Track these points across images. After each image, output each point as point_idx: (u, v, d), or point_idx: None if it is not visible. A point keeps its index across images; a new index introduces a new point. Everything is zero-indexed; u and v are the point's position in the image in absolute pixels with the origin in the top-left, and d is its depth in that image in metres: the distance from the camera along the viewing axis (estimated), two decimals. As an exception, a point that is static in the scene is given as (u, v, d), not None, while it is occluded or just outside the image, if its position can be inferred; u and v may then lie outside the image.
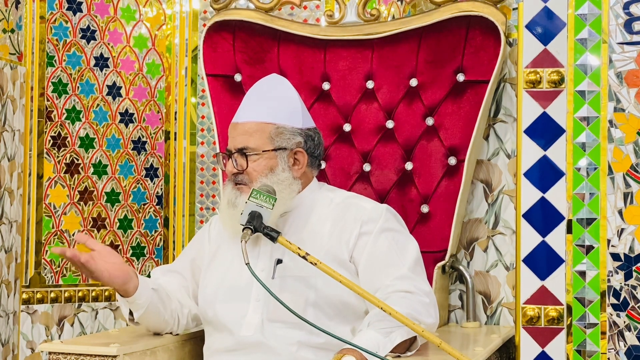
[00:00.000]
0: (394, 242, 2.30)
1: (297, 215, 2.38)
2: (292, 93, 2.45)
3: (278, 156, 2.34)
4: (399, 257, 2.27)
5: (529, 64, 2.47)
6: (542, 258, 2.44)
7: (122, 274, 2.27)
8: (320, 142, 2.44)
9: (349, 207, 2.36)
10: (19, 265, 3.25)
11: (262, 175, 2.32)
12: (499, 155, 2.92)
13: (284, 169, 2.33)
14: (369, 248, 2.28)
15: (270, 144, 2.34)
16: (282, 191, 2.30)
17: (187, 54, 3.47)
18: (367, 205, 2.38)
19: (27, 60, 3.29)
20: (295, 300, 2.24)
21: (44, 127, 3.30)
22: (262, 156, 2.33)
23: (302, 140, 2.38)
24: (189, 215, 3.44)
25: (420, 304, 2.17)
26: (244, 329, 2.28)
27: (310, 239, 2.32)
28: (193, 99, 3.47)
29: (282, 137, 2.35)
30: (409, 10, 3.03)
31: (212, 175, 3.42)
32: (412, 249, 2.32)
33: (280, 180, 2.32)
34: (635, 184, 2.41)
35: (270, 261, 2.30)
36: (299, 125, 2.39)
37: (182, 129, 3.47)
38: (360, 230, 2.30)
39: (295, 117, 2.39)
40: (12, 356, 3.21)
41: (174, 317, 2.42)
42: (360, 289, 2.11)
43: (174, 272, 2.51)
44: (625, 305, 2.41)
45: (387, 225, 2.32)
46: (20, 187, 3.25)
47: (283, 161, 2.34)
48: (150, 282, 2.36)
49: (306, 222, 2.36)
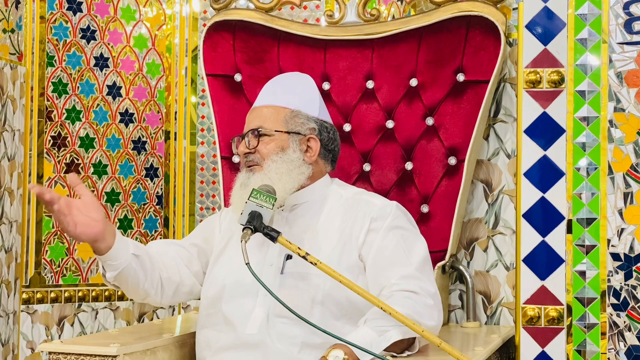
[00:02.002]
0: (402, 240, 2.28)
1: (308, 209, 2.38)
2: (311, 85, 2.47)
3: (290, 139, 2.35)
4: (407, 256, 2.26)
5: (529, 64, 2.47)
6: (542, 258, 2.44)
7: (93, 230, 2.18)
8: (334, 139, 2.44)
9: (359, 203, 2.36)
10: (19, 265, 3.25)
11: (274, 153, 2.32)
12: (499, 155, 2.92)
13: (294, 151, 2.34)
14: (377, 245, 2.27)
15: (284, 126, 2.36)
16: (291, 171, 2.31)
17: (187, 54, 3.47)
18: (376, 201, 2.37)
19: (27, 60, 3.29)
20: (302, 298, 2.24)
21: (44, 127, 3.30)
22: (275, 137, 2.34)
23: (316, 128, 2.38)
24: (189, 215, 3.44)
25: (423, 306, 2.16)
26: (249, 326, 2.27)
27: (321, 234, 2.32)
28: (193, 98, 3.47)
29: (296, 121, 2.37)
30: (409, 10, 3.03)
31: (212, 175, 3.42)
32: (421, 248, 2.31)
33: (291, 159, 2.33)
34: (635, 184, 2.41)
35: (280, 256, 2.30)
36: (314, 114, 2.40)
37: (182, 129, 3.47)
38: (369, 227, 2.29)
39: (312, 105, 2.41)
40: (12, 356, 3.21)
41: (155, 286, 2.37)
42: (360, 288, 2.11)
43: (176, 245, 2.49)
44: (625, 305, 2.41)
45: (396, 222, 2.31)
46: (20, 187, 3.25)
47: (295, 144, 2.35)
48: (132, 247, 2.29)
49: (316, 217, 2.36)
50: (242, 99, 2.99)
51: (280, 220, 2.38)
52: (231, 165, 2.96)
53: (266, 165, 2.32)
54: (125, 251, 2.27)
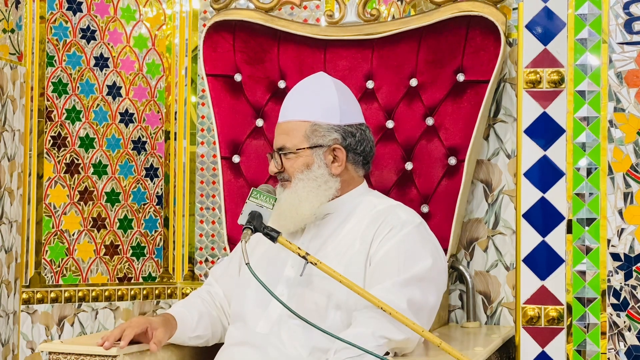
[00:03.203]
0: (402, 255, 2.23)
1: (337, 217, 2.38)
2: (331, 90, 2.43)
3: (314, 154, 2.35)
4: (398, 270, 2.21)
5: (529, 64, 2.47)
6: (542, 258, 2.44)
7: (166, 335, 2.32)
8: (364, 138, 2.42)
9: (389, 214, 2.33)
10: (19, 265, 3.25)
11: (299, 172, 2.34)
12: (499, 155, 2.92)
13: (319, 166, 2.34)
14: (381, 253, 2.25)
15: (306, 142, 2.36)
16: (319, 186, 2.32)
17: (187, 54, 3.47)
18: (403, 215, 2.33)
19: (27, 60, 3.29)
20: (318, 301, 2.24)
21: (44, 127, 3.30)
22: (298, 154, 2.35)
23: (339, 137, 2.37)
24: (189, 215, 3.44)
25: (389, 322, 2.11)
26: (261, 324, 2.28)
27: (344, 239, 2.32)
28: (193, 98, 3.46)
29: (317, 135, 2.36)
30: (409, 10, 3.04)
31: (212, 175, 3.42)
32: (420, 266, 2.23)
33: (316, 176, 2.33)
34: (635, 184, 2.41)
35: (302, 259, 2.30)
36: (335, 121, 2.38)
37: (182, 129, 3.47)
38: (386, 235, 2.27)
39: (332, 113, 2.39)
40: (12, 356, 3.21)
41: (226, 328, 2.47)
42: (360, 288, 2.11)
43: (226, 277, 2.55)
44: (625, 305, 2.41)
45: (408, 237, 2.27)
46: (20, 187, 3.25)
47: (319, 158, 2.35)
48: (189, 332, 2.40)
49: (343, 225, 2.36)
50: (242, 99, 2.99)
51: (313, 228, 2.39)
52: (231, 165, 2.96)
53: (294, 183, 2.34)
54: (183, 338, 2.39)
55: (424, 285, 2.22)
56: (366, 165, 2.45)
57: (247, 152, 2.97)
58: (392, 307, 2.10)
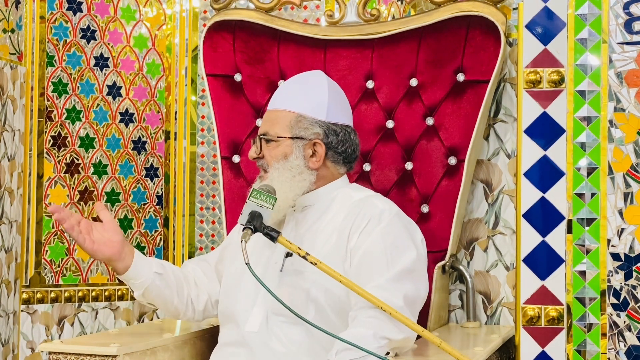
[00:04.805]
0: (389, 248, 2.24)
1: (316, 210, 2.39)
2: (323, 87, 2.44)
3: (294, 144, 2.36)
4: (387, 265, 2.21)
5: (529, 64, 2.47)
6: (542, 258, 2.44)
7: (109, 250, 2.28)
8: (347, 140, 2.42)
9: (365, 204, 2.35)
10: (19, 265, 3.25)
11: (275, 161, 2.35)
12: (499, 155, 2.92)
13: (297, 157, 2.35)
14: (364, 248, 2.26)
15: (289, 132, 2.37)
16: (294, 177, 2.33)
17: (187, 54, 3.47)
18: (379, 204, 2.35)
19: (27, 60, 3.29)
20: (298, 295, 2.25)
21: (44, 127, 3.30)
22: (278, 142, 2.36)
23: (322, 132, 2.38)
24: (189, 215, 3.44)
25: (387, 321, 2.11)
26: (249, 323, 2.29)
27: (320, 233, 2.33)
28: (193, 98, 3.47)
29: (301, 126, 2.37)
30: (409, 10, 3.04)
31: (212, 175, 3.42)
32: (407, 258, 2.24)
33: (291, 167, 2.34)
34: (636, 184, 2.41)
35: (283, 254, 2.32)
36: (321, 117, 2.39)
37: (182, 129, 3.47)
38: (364, 228, 2.28)
39: (319, 109, 2.40)
40: (12, 356, 3.21)
41: (184, 302, 2.45)
42: (359, 288, 2.11)
43: (204, 261, 2.57)
44: (625, 305, 2.40)
45: (390, 229, 2.28)
46: (20, 187, 3.25)
47: (298, 150, 2.36)
48: (156, 267, 2.38)
49: (322, 218, 2.37)
50: (242, 99, 2.99)
51: (291, 220, 2.41)
52: (231, 165, 2.96)
53: (270, 172, 2.35)
54: (146, 270, 2.35)
55: (414, 277, 2.24)
56: (348, 165, 2.47)
57: (247, 152, 2.96)
58: (389, 305, 2.10)
